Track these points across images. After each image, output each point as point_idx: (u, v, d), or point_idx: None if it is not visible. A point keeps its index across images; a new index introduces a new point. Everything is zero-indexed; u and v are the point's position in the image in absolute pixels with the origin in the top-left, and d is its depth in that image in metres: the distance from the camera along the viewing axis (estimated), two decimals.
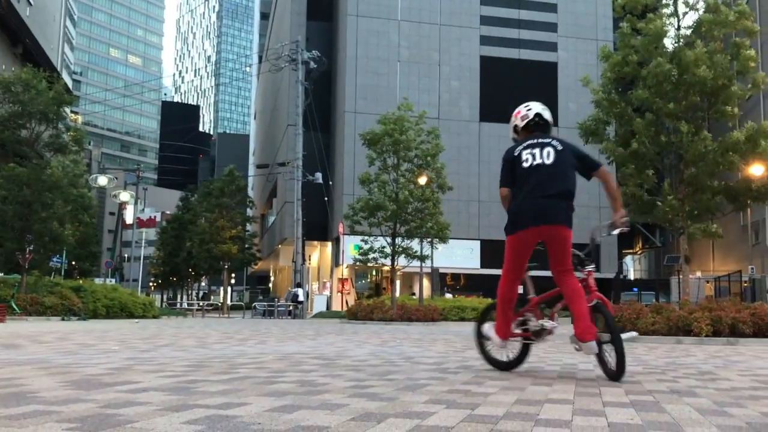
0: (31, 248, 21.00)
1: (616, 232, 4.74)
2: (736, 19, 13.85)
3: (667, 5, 15.03)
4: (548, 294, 4.92)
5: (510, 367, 5.01)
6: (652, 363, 6.26)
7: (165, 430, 2.36)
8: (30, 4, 42.59)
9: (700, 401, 3.44)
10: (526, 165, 4.62)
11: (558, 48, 47.32)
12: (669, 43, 14.92)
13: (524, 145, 4.70)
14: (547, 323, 4.87)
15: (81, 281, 27.10)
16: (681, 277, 15.05)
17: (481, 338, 5.16)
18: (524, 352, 5.09)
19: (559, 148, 4.63)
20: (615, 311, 12.32)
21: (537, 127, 4.83)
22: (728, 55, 14.10)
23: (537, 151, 4.62)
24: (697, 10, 14.91)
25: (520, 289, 5.09)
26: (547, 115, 4.88)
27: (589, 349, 4.41)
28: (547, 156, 4.58)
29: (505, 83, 45.61)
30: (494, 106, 45.43)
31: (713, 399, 3.55)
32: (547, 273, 4.70)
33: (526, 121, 4.85)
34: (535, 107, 4.87)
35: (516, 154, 4.71)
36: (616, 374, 4.35)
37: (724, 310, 11.36)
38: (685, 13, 14.97)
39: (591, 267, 4.63)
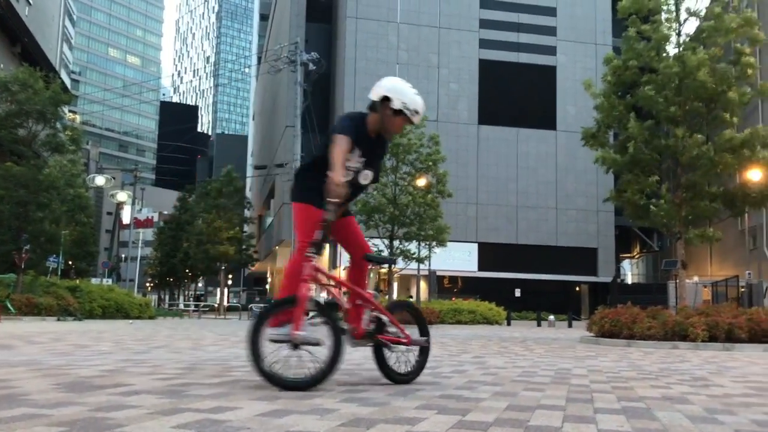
0: (27, 248, 20.96)
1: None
2: (738, 26, 13.84)
3: (670, 11, 15.03)
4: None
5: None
6: (647, 368, 6.27)
7: None
8: (29, 3, 42.58)
9: (691, 408, 3.44)
10: None
11: (557, 52, 47.38)
12: (670, 48, 14.95)
13: None
14: None
15: (77, 281, 27.05)
16: (678, 282, 15.06)
17: None
18: None
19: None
20: (613, 315, 12.32)
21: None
22: (729, 61, 14.13)
23: None
24: (699, 17, 14.92)
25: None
26: (370, 94, 4.30)
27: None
28: None
29: (504, 86, 45.68)
30: (493, 109, 45.50)
31: (704, 406, 3.55)
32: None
33: None
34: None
35: None
36: None
37: (721, 315, 11.36)
38: (686, 20, 14.98)
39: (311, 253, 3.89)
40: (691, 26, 15.24)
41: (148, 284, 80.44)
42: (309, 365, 3.77)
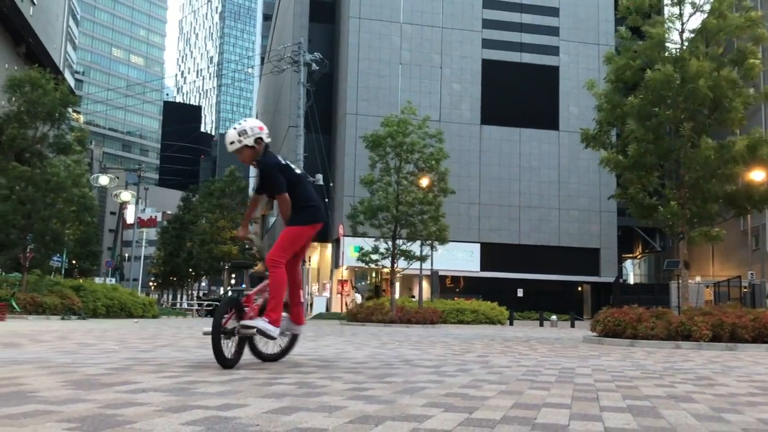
0: (31, 247, 21.00)
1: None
2: (744, 24, 13.72)
3: (675, 4, 14.88)
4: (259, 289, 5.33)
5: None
6: (651, 368, 6.28)
7: (164, 431, 2.38)
8: (33, 3, 42.67)
9: (697, 407, 3.45)
10: (298, 172, 5.44)
11: (560, 52, 47.33)
12: (672, 46, 14.84)
13: (281, 157, 5.42)
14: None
15: (81, 280, 27.11)
16: (680, 282, 15.04)
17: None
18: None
19: None
20: (618, 315, 12.33)
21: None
22: (732, 60, 14.02)
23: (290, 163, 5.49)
24: (703, 11, 14.78)
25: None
26: None
27: (300, 331, 5.43)
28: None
29: (507, 87, 45.66)
30: (495, 110, 45.49)
31: (710, 405, 3.56)
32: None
33: (269, 139, 5.40)
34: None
35: (284, 163, 5.37)
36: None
37: (726, 316, 11.36)
38: (691, 14, 14.84)
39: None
40: (696, 21, 15.02)
41: (151, 283, 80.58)
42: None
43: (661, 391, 4.16)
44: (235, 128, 5.25)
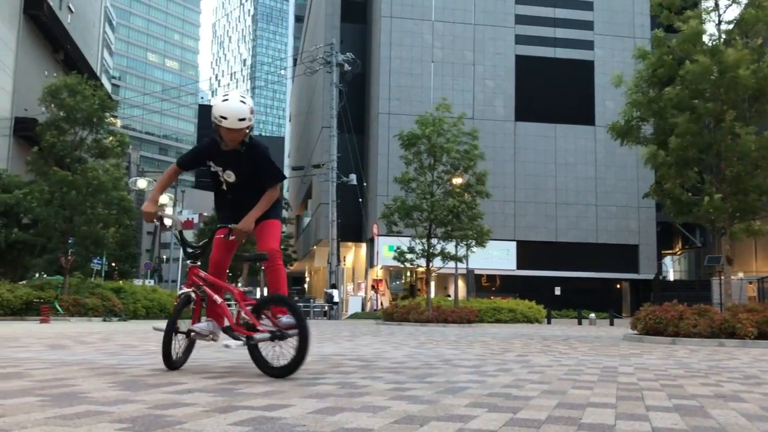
0: (73, 250, 21.43)
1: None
2: None
3: None
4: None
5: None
6: (695, 366, 6.18)
7: (213, 431, 2.41)
8: (71, 11, 43.60)
9: (746, 406, 3.39)
10: None
11: (594, 46, 46.76)
12: (708, 39, 14.56)
13: None
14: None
15: (121, 282, 27.60)
16: (723, 278, 14.74)
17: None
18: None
19: None
20: (658, 312, 12.15)
21: None
22: None
23: None
24: (739, 3, 14.50)
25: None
26: None
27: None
28: None
29: (541, 82, 45.25)
30: (530, 106, 45.11)
31: (760, 404, 3.49)
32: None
33: None
34: None
35: None
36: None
37: None
38: (727, 6, 14.57)
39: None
40: (733, 12, 14.70)
41: None
42: None
43: (708, 390, 4.10)
44: (244, 102, 4.38)
